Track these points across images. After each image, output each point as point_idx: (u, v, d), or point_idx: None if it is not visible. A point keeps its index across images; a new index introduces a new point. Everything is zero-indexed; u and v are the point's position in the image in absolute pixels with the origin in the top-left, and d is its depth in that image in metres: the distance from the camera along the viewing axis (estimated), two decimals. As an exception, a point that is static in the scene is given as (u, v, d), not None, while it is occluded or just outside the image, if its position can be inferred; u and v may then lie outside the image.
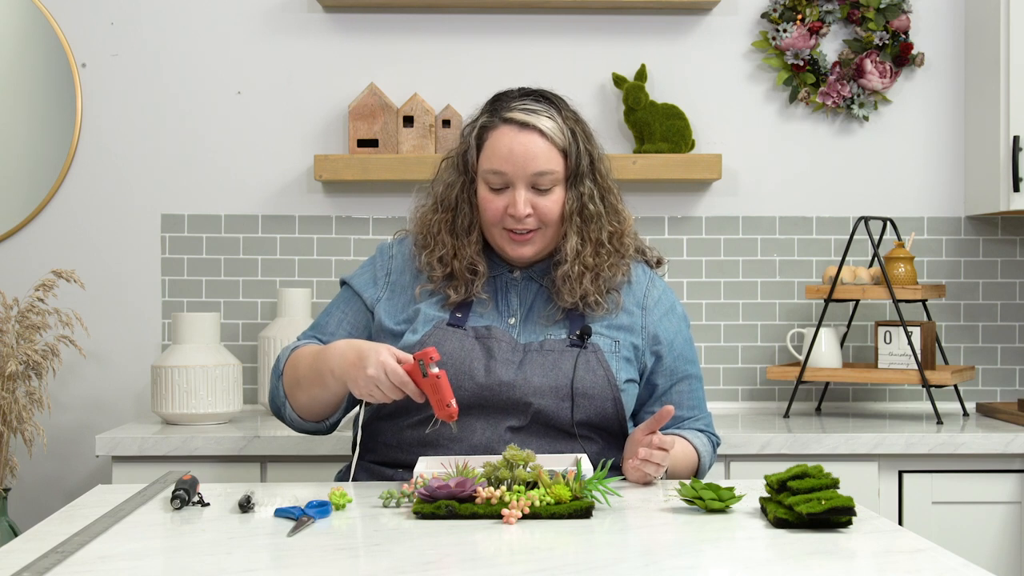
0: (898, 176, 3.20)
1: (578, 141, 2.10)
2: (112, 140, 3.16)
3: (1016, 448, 2.66)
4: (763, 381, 3.19)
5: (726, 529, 1.68)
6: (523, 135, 2.07)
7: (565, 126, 2.10)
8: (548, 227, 2.10)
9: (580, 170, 2.10)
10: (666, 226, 3.18)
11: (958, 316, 3.20)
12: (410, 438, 2.07)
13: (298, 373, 2.08)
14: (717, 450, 2.25)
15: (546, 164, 2.07)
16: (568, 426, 2.05)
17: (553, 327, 2.11)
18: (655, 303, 2.18)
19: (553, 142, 2.08)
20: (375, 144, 3.09)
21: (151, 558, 1.54)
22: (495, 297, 2.15)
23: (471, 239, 2.12)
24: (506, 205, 2.07)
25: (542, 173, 2.07)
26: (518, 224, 2.08)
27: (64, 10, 3.15)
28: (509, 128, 2.08)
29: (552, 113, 2.10)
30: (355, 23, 3.18)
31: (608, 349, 2.10)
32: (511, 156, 2.06)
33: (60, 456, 3.14)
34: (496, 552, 1.55)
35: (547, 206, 2.08)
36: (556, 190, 2.09)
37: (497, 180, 2.08)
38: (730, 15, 3.19)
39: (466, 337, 2.08)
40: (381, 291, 2.17)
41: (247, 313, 3.16)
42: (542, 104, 2.11)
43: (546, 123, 2.08)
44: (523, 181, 2.07)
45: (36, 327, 2.85)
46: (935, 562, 1.49)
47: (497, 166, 2.07)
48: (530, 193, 2.08)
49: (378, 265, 2.21)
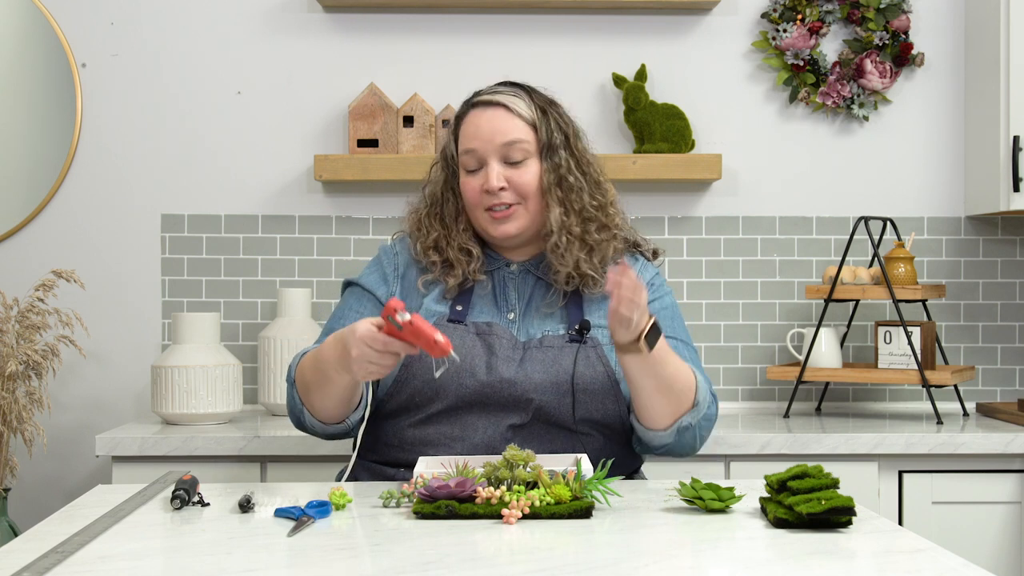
0: (898, 176, 3.20)
1: (548, 118, 2.14)
2: (112, 140, 3.16)
3: (1016, 448, 2.66)
4: (763, 381, 3.19)
5: (726, 529, 1.68)
6: (488, 111, 2.14)
7: (534, 104, 2.15)
8: (527, 200, 2.12)
9: (553, 142, 2.13)
10: (666, 226, 3.18)
11: (958, 316, 3.20)
12: (411, 437, 2.07)
13: (306, 378, 2.08)
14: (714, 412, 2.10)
15: (513, 133, 2.11)
16: (569, 422, 2.05)
17: (551, 322, 2.12)
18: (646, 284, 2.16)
19: (519, 114, 2.13)
20: (375, 144, 3.09)
21: (151, 558, 1.54)
22: (493, 292, 2.16)
23: (459, 226, 2.17)
24: (482, 183, 2.11)
25: (510, 143, 2.11)
26: (494, 199, 2.10)
27: (64, 10, 3.15)
28: (476, 109, 2.16)
29: (519, 93, 2.17)
30: (355, 23, 3.18)
31: (607, 342, 2.10)
32: (478, 132, 2.12)
33: (60, 456, 3.14)
34: (496, 552, 1.55)
35: (521, 178, 2.11)
36: (530, 163, 2.12)
37: (471, 160, 2.13)
38: (730, 15, 3.19)
39: (467, 334, 2.08)
40: (393, 286, 2.18)
41: (247, 313, 3.16)
42: (511, 87, 2.19)
43: (510, 99, 2.14)
44: (494, 155, 2.11)
45: (36, 327, 2.85)
46: (935, 562, 1.49)
47: (468, 145, 2.13)
48: (503, 167, 2.11)
49: (385, 263, 2.22)
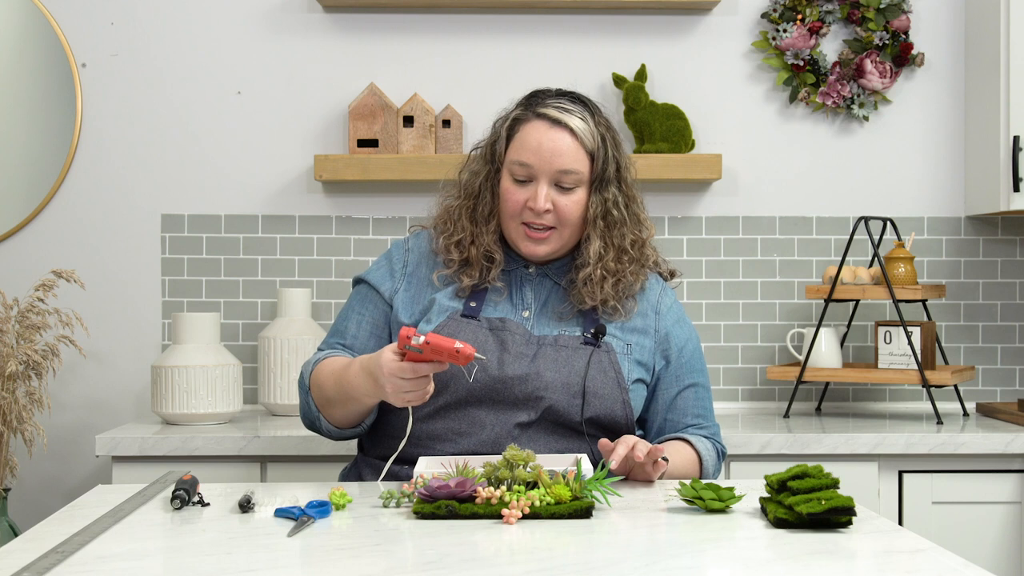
0: (898, 176, 3.20)
1: (607, 146, 2.13)
2: (112, 140, 3.16)
3: (1016, 448, 2.66)
4: (763, 381, 3.19)
5: (726, 529, 1.68)
6: (553, 131, 2.10)
7: (596, 130, 2.13)
8: (565, 227, 2.11)
9: (606, 175, 2.12)
10: (666, 226, 3.18)
11: (958, 316, 3.20)
12: (418, 431, 2.07)
13: (326, 392, 2.07)
14: (722, 460, 2.23)
15: (572, 163, 2.09)
16: (577, 423, 2.06)
17: (567, 324, 2.13)
18: (668, 309, 2.21)
19: (582, 143, 2.10)
20: (375, 144, 3.09)
21: (151, 558, 1.54)
22: (509, 289, 2.16)
23: (489, 227, 2.14)
24: (527, 198, 2.10)
25: (567, 171, 2.09)
26: (536, 219, 2.09)
27: (64, 10, 3.15)
28: (541, 123, 2.11)
29: (585, 115, 2.13)
30: (355, 23, 3.18)
31: (620, 351, 2.12)
32: (539, 150, 2.09)
33: (60, 456, 3.14)
34: (496, 552, 1.55)
35: (567, 205, 2.10)
36: (578, 191, 2.11)
37: (522, 172, 2.10)
38: (730, 15, 3.19)
39: (480, 329, 2.08)
40: (399, 283, 2.18)
41: (247, 313, 3.16)
42: (577, 105, 2.15)
43: (578, 123, 2.11)
44: (547, 176, 2.09)
45: (36, 327, 2.85)
46: (935, 562, 1.49)
47: (524, 158, 2.10)
48: (552, 190, 2.10)
49: (395, 259, 2.22)
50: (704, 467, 2.15)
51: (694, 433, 2.19)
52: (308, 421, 2.15)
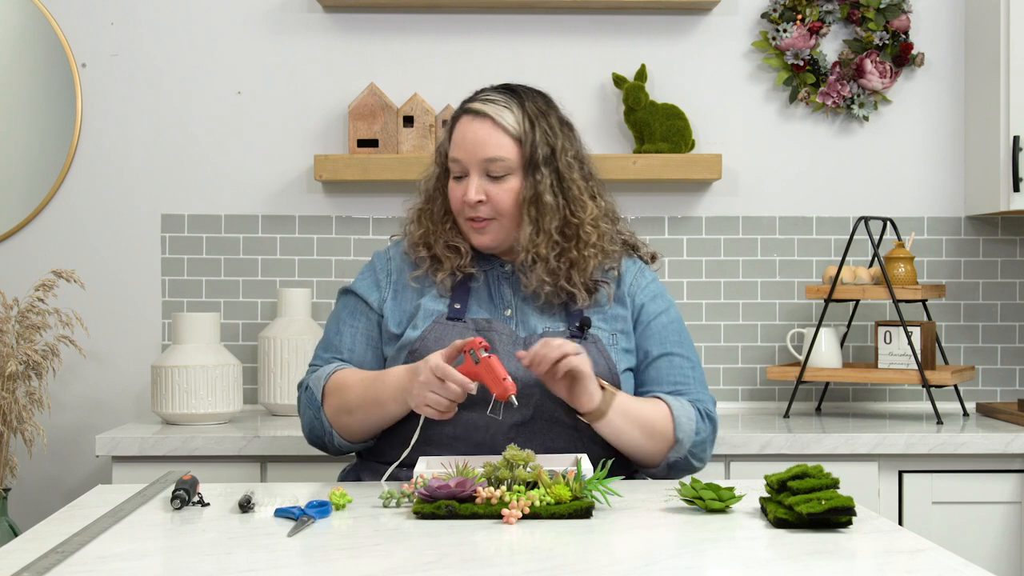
0: (898, 176, 3.20)
1: (536, 131, 2.12)
2: (112, 140, 3.16)
3: (1016, 448, 2.66)
4: (763, 381, 3.19)
5: (726, 529, 1.68)
6: (476, 122, 2.13)
7: (524, 116, 2.12)
8: (503, 216, 2.12)
9: (535, 159, 2.11)
10: (666, 226, 3.18)
11: (958, 316, 3.20)
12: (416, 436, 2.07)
13: (348, 401, 2.06)
14: (708, 432, 2.12)
15: (495, 151, 2.10)
16: (572, 419, 2.05)
17: (551, 319, 2.12)
18: (642, 288, 2.20)
19: (505, 130, 2.11)
20: (375, 144, 3.09)
21: (151, 558, 1.54)
22: (488, 291, 2.16)
23: (446, 226, 2.17)
24: (463, 193, 2.12)
25: (491, 159, 2.10)
26: (473, 212, 2.12)
27: (64, 10, 3.15)
28: (466, 117, 2.15)
29: (511, 104, 2.14)
30: (355, 23, 3.18)
31: (608, 343, 2.11)
32: (463, 143, 2.12)
33: (60, 456, 3.14)
34: (496, 552, 1.55)
35: (499, 194, 2.11)
36: (511, 179, 2.12)
37: (456, 168, 2.14)
38: (730, 15, 3.19)
39: (467, 330, 2.08)
40: (385, 292, 2.18)
41: (247, 313, 3.16)
42: (503, 95, 2.16)
43: (500, 111, 2.12)
44: (476, 168, 2.11)
45: (36, 327, 2.85)
46: (935, 562, 1.49)
47: (455, 153, 2.14)
48: (484, 181, 2.11)
49: (378, 268, 2.22)
50: (677, 422, 2.06)
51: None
52: (315, 437, 2.14)
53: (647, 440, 2.05)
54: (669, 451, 2.07)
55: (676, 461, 2.09)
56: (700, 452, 2.12)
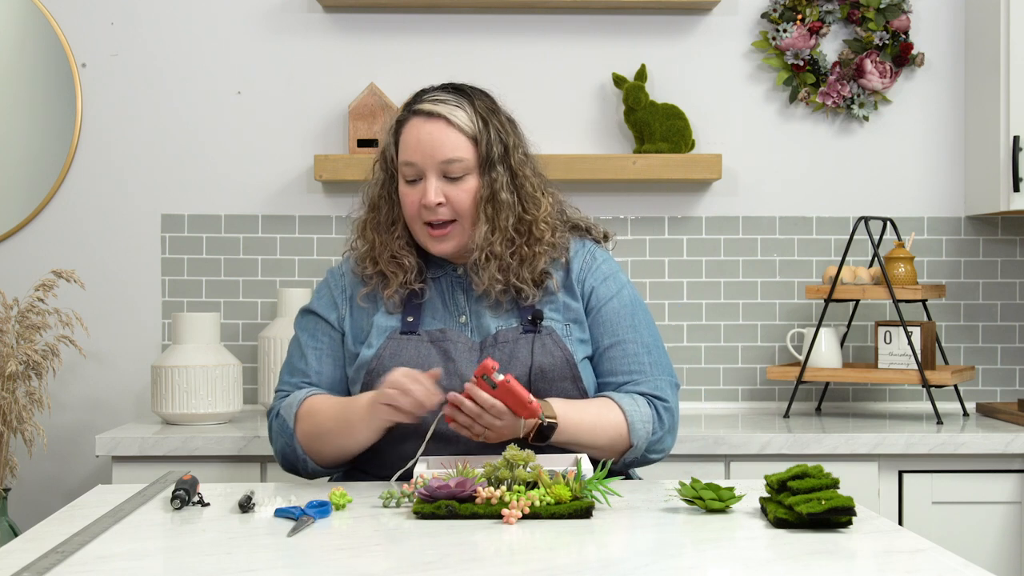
0: (898, 176, 3.20)
1: (489, 130, 2.10)
2: (112, 140, 3.16)
3: (1016, 448, 2.66)
4: (763, 381, 3.19)
5: (726, 529, 1.68)
6: (429, 124, 2.09)
7: (476, 114, 2.11)
8: (464, 218, 2.09)
9: (491, 157, 2.09)
10: (666, 226, 3.18)
11: (958, 316, 3.20)
12: (389, 455, 2.05)
13: (319, 426, 2.04)
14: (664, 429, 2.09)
15: (453, 151, 2.08)
16: None
17: (504, 317, 2.11)
18: (592, 272, 2.16)
19: (461, 130, 2.09)
20: (375, 144, 3.09)
21: (151, 558, 1.54)
22: (443, 298, 2.14)
23: (394, 234, 2.13)
24: (420, 196, 2.08)
25: (450, 160, 2.07)
26: (432, 215, 2.08)
27: (64, 10, 3.15)
28: (417, 119, 2.11)
29: (462, 102, 2.12)
30: (355, 23, 3.18)
31: (562, 333, 2.10)
32: (419, 145, 2.08)
33: (60, 456, 3.14)
34: (496, 552, 1.55)
35: (459, 195, 2.08)
36: (469, 179, 2.09)
37: (410, 171, 2.10)
38: (730, 15, 3.19)
39: (421, 343, 2.07)
40: (343, 309, 2.16)
41: (247, 313, 3.16)
42: (452, 95, 2.13)
43: (453, 111, 2.10)
44: (433, 170, 2.08)
45: (36, 327, 2.85)
46: (935, 562, 1.49)
47: (408, 157, 2.09)
48: (442, 183, 2.08)
49: (332, 286, 2.20)
50: (632, 427, 2.05)
51: (629, 391, 2.10)
52: (288, 464, 2.11)
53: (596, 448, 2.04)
54: (625, 452, 2.07)
55: (633, 460, 2.10)
56: (657, 446, 2.10)
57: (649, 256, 3.17)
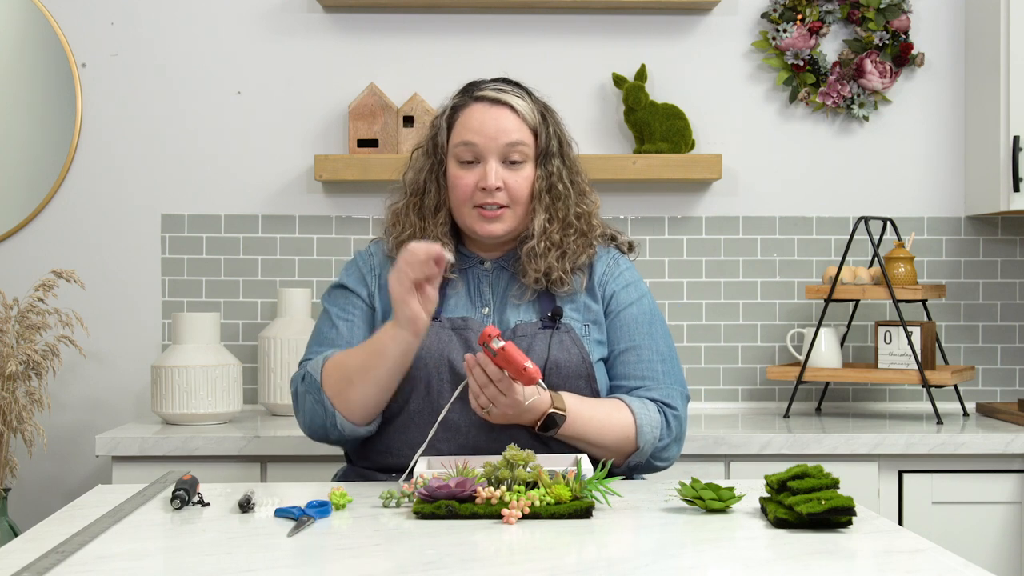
0: (898, 176, 3.20)
1: (547, 123, 2.15)
2: (112, 140, 3.16)
3: (1016, 448, 2.66)
4: (763, 381, 3.19)
5: (726, 529, 1.68)
6: (495, 109, 2.12)
7: (535, 107, 2.16)
8: (518, 204, 2.12)
9: (550, 149, 2.14)
10: (666, 226, 3.18)
11: (958, 316, 3.20)
12: (392, 442, 2.06)
13: (348, 370, 2.02)
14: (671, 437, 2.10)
15: (517, 135, 2.10)
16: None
17: (524, 312, 2.12)
18: (614, 278, 2.18)
19: (524, 119, 2.12)
20: (375, 144, 3.09)
21: (151, 558, 1.54)
22: (468, 289, 2.15)
23: (438, 219, 2.15)
24: (477, 180, 2.10)
25: (514, 144, 2.10)
26: (489, 198, 2.09)
27: (64, 10, 3.15)
28: (481, 104, 2.13)
29: (523, 94, 2.17)
30: (355, 23, 3.18)
31: (580, 332, 2.11)
32: (483, 128, 2.10)
33: (60, 456, 3.14)
34: (496, 552, 1.55)
35: (517, 182, 2.11)
36: (527, 166, 2.12)
37: (468, 152, 2.11)
38: (730, 15, 3.19)
39: (442, 329, 2.08)
40: (372, 286, 2.17)
41: (247, 313, 3.16)
42: (514, 87, 2.18)
43: (517, 101, 2.14)
44: (495, 153, 2.10)
45: (36, 327, 2.85)
46: (935, 562, 1.49)
47: (469, 138, 2.11)
48: (501, 168, 2.10)
49: (362, 265, 2.20)
50: (640, 430, 2.05)
51: (641, 396, 2.11)
52: (317, 426, 2.07)
53: (602, 448, 2.04)
54: (631, 455, 2.07)
55: (637, 465, 2.10)
56: (663, 454, 2.11)
57: (649, 256, 3.17)
